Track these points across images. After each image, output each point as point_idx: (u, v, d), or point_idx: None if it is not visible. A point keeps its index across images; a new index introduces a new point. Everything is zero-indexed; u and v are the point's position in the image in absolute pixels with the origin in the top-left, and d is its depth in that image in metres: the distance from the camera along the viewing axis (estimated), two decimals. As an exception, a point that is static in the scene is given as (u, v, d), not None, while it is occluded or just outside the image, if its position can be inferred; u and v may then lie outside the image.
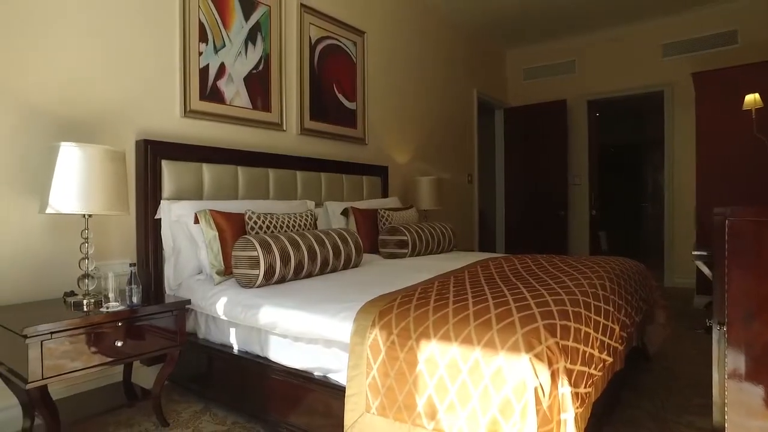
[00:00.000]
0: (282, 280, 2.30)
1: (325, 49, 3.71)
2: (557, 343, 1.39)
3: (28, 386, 1.67)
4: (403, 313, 1.62)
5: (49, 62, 2.21)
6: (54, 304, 2.05)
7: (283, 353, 1.95)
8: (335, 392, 1.76)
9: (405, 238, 3.17)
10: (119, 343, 1.90)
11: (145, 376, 2.45)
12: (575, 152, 6.08)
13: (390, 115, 4.41)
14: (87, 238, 2.02)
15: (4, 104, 2.07)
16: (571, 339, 1.46)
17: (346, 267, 2.66)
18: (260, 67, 3.19)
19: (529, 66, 6.38)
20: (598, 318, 1.70)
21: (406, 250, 3.17)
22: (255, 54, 3.16)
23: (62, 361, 1.75)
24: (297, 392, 1.90)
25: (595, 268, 2.33)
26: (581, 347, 1.50)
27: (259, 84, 3.17)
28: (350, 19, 3.92)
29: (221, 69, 2.94)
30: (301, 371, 1.90)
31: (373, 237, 3.33)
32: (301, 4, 3.48)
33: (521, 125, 6.31)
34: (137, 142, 2.49)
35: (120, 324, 1.90)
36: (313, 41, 3.60)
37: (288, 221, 2.60)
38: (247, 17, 3.11)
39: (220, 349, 2.25)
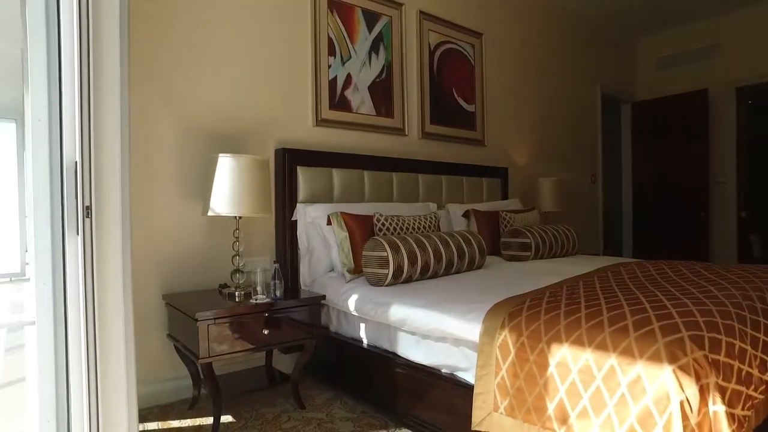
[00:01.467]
0: (409, 279, 2.40)
1: (443, 53, 3.77)
2: (706, 357, 1.29)
3: (200, 362, 1.96)
4: (533, 316, 1.62)
5: (206, 87, 2.55)
6: (211, 294, 2.36)
7: (412, 349, 2.05)
8: (462, 390, 1.80)
9: (528, 240, 3.12)
10: (266, 332, 2.13)
11: (283, 362, 2.70)
12: (719, 146, 5.44)
13: (508, 115, 4.35)
14: (238, 238, 2.29)
15: (172, 124, 2.44)
16: (722, 353, 1.35)
17: (469, 268, 2.69)
18: (383, 76, 3.34)
19: (664, 54, 5.84)
20: (756, 334, 1.54)
21: (528, 253, 3.11)
22: (378, 63, 3.32)
23: (223, 343, 2.02)
24: (423, 387, 1.98)
25: (749, 277, 2.10)
26: (736, 364, 1.37)
27: (382, 92, 3.33)
28: (468, 22, 3.94)
29: (348, 79, 3.15)
30: (429, 367, 1.98)
31: (494, 239, 3.32)
32: (421, 12, 3.58)
33: (652, 119, 5.80)
34: (276, 151, 2.77)
35: (267, 315, 2.14)
36: (432, 47, 3.68)
37: (413, 223, 2.71)
38: (370, 29, 3.28)
39: (350, 342, 2.41)
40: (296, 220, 2.71)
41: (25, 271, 6.80)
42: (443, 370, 1.93)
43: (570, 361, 1.43)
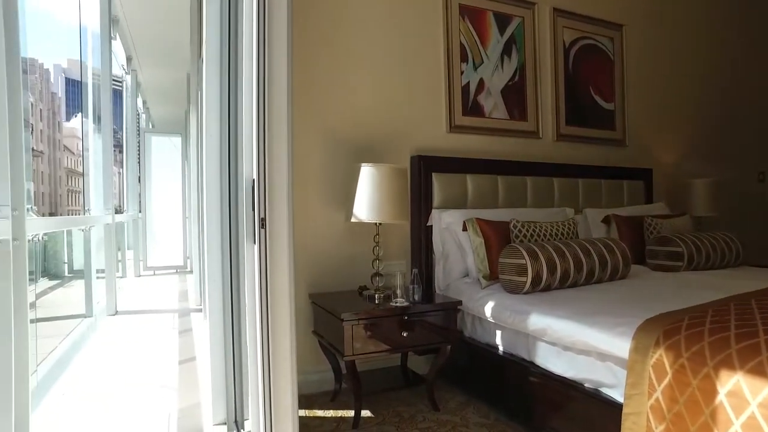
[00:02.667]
0: (548, 288, 2.34)
1: (579, 50, 3.58)
2: None
3: (344, 359, 2.11)
4: (695, 336, 1.48)
5: (346, 101, 2.74)
6: (352, 295, 2.52)
7: (551, 360, 1.99)
8: (607, 407, 1.72)
9: (679, 249, 2.84)
10: (404, 334, 2.23)
11: (416, 363, 2.79)
12: None
13: (653, 111, 3.98)
14: (378, 243, 2.43)
15: (316, 137, 2.66)
16: None
17: (612, 278, 2.54)
18: (516, 78, 3.28)
19: None
20: None
21: (680, 263, 2.83)
22: (510, 66, 3.27)
23: (365, 343, 2.15)
24: (562, 399, 1.91)
25: None
26: None
27: (515, 95, 3.27)
28: (606, 14, 3.69)
29: (480, 84, 3.14)
30: (570, 380, 1.91)
31: (637, 247, 3.08)
32: (554, 9, 3.44)
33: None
34: (412, 158, 2.87)
35: (406, 318, 2.23)
36: (566, 44, 3.52)
37: (550, 230, 2.63)
38: (502, 32, 3.24)
39: (485, 348, 2.42)
40: (431, 226, 2.78)
41: (187, 264, 7.86)
42: (586, 385, 1.85)
43: (747, 392, 1.29)
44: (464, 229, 2.65)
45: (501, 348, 2.33)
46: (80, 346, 3.75)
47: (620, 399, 1.65)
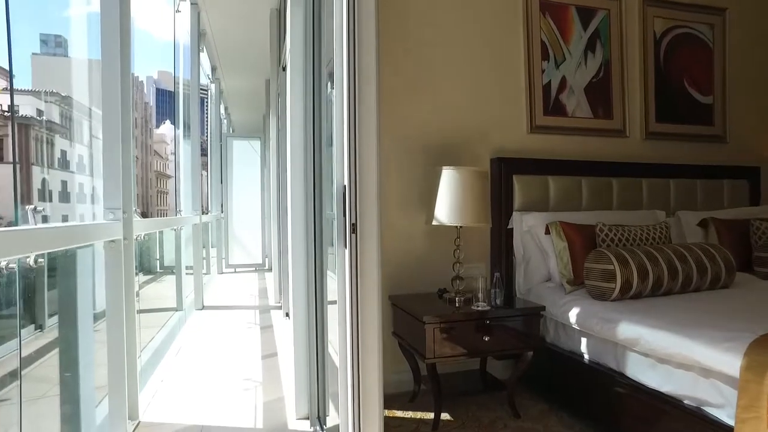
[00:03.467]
0: (638, 295, 2.22)
1: (673, 40, 3.36)
2: None
3: (426, 361, 2.12)
4: (819, 355, 1.35)
5: (424, 104, 2.74)
6: (432, 298, 2.52)
7: (644, 372, 1.89)
8: (711, 427, 1.60)
9: (791, 256, 2.59)
10: (486, 338, 2.20)
11: (495, 367, 2.75)
12: None
13: (761, 103, 3.64)
14: (459, 246, 2.41)
15: (396, 141, 2.68)
16: None
17: (713, 287, 2.36)
18: (600, 75, 3.13)
19: None
20: None
21: (792, 272, 2.58)
22: (594, 62, 3.12)
23: (446, 346, 2.15)
24: (657, 415, 1.81)
25: None
26: None
27: (599, 92, 3.13)
28: (705, -1, 3.43)
29: (562, 83, 3.03)
30: (666, 395, 1.80)
31: (741, 253, 2.83)
32: (644, -2, 3.25)
33: None
34: (492, 160, 2.82)
35: (488, 322, 2.20)
36: (658, 35, 3.31)
37: (640, 234, 2.49)
38: (585, 27, 3.11)
39: (568, 355, 2.33)
40: (512, 229, 2.73)
41: (265, 262, 8.23)
42: (686, 402, 1.73)
43: None
44: (547, 232, 2.58)
45: (586, 356, 2.24)
46: (173, 337, 4.05)
47: (728, 420, 1.54)
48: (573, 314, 2.25)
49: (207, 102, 7.65)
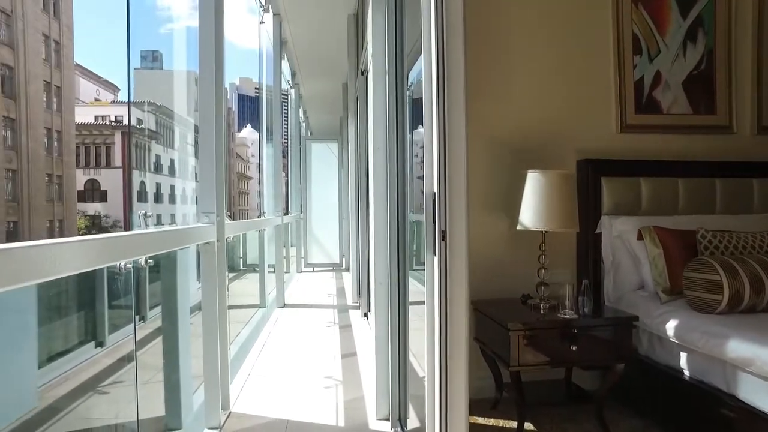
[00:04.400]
0: (751, 309, 2.03)
1: (788, 24, 3.03)
2: None
3: (509, 369, 2.08)
4: None
5: (507, 105, 2.68)
6: (515, 304, 2.46)
7: (761, 397, 1.72)
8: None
9: None
10: (573, 348, 2.11)
11: (581, 377, 2.62)
12: None
13: None
14: (544, 251, 2.33)
15: (480, 144, 2.64)
16: None
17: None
18: (702, 66, 2.90)
19: None
20: None
21: None
22: (695, 53, 2.89)
23: (530, 354, 2.09)
24: (775, 444, 1.64)
25: None
26: None
27: (700, 85, 2.89)
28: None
29: (657, 77, 2.84)
30: (786, 423, 1.63)
31: None
32: (756, -22, 2.96)
33: None
34: (578, 162, 2.70)
35: (575, 331, 2.11)
36: (771, 19, 3.00)
37: (751, 241, 2.27)
38: (684, 15, 2.89)
39: (665, 370, 2.18)
40: (599, 233, 2.60)
41: (342, 262, 8.43)
42: (810, 431, 1.56)
43: None
44: (639, 237, 2.42)
45: (687, 372, 2.08)
46: (257, 333, 4.26)
47: None
48: (671, 326, 2.10)
49: (287, 106, 7.96)
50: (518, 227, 2.32)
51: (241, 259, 5.54)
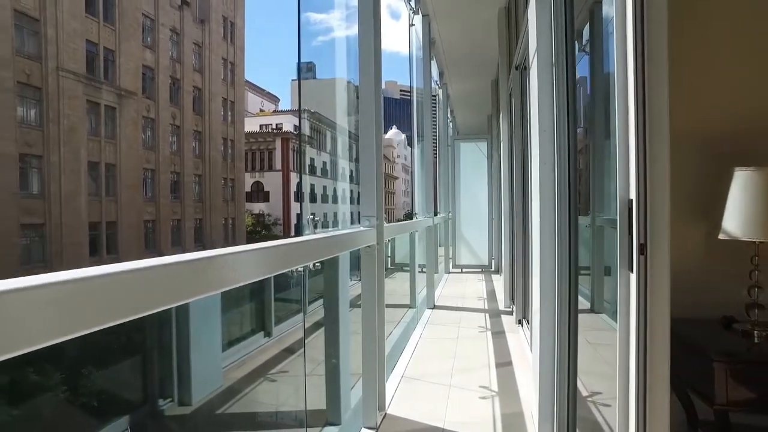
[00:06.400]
0: None
1: None
2: None
3: (715, 408, 1.74)
4: None
5: (710, 94, 2.25)
6: (714, 326, 2.06)
7: None
8: None
9: None
10: (804, 389, 1.69)
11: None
12: None
13: None
14: (757, 266, 1.92)
15: (679, 140, 2.26)
16: None
17: None
18: None
19: None
20: None
21: None
22: None
23: (742, 391, 1.72)
24: None
25: None
26: None
27: None
28: None
29: None
30: None
31: None
32: None
33: None
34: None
35: (808, 368, 1.69)
36: None
37: None
38: None
39: None
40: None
41: (491, 264, 8.18)
42: None
43: None
44: None
45: None
46: (408, 333, 4.29)
47: None
48: None
49: (435, 107, 8.00)
50: (720, 236, 1.94)
51: (389, 258, 5.67)
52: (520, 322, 4.19)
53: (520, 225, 4.26)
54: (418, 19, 5.69)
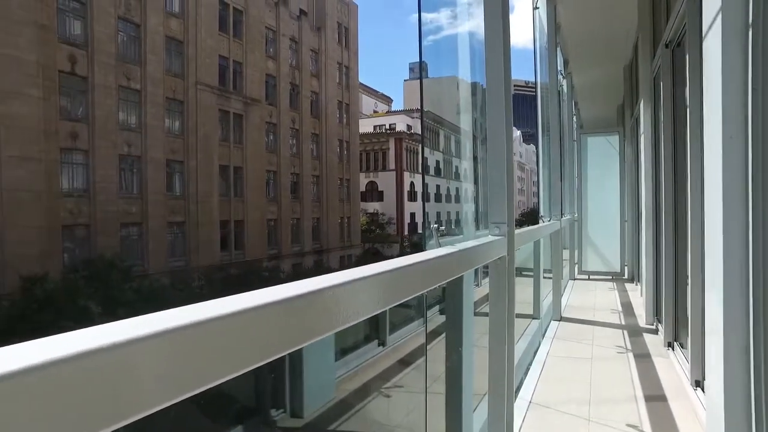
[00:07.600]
0: None
1: None
2: None
3: None
4: None
5: None
6: None
7: None
8: None
9: None
10: None
11: None
12: None
13: None
14: None
15: None
16: None
17: None
18: None
19: None
20: None
21: None
22: None
23: None
24: None
25: None
26: None
27: None
28: None
29: None
30: None
31: None
32: None
33: None
34: None
35: None
36: None
37: None
38: None
39: None
40: None
41: (623, 271, 7.31)
42: None
43: None
44: None
45: None
46: (532, 348, 3.88)
47: None
48: None
49: (560, 99, 7.38)
50: None
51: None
52: (670, 344, 3.58)
53: (670, 228, 3.64)
54: (542, 2, 5.22)
